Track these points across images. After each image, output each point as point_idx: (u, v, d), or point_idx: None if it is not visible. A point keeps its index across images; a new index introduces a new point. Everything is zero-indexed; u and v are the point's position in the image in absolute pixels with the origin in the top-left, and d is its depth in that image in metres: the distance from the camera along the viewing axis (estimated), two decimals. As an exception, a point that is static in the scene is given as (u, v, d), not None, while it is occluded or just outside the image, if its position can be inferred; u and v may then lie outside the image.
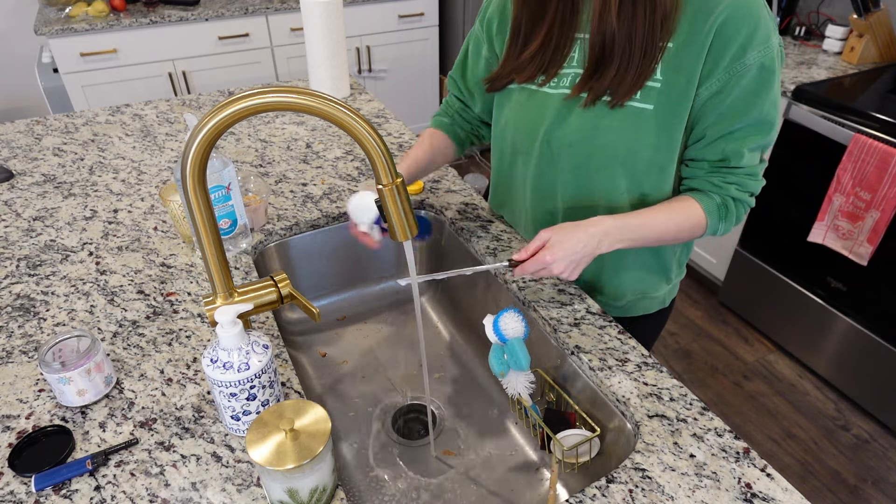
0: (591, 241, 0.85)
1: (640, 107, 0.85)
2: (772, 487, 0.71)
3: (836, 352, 2.06)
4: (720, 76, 0.82)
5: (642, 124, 0.86)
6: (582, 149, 0.91)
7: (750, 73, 0.81)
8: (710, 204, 0.90)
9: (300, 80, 1.91)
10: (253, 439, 0.63)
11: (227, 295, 0.76)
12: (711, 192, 0.90)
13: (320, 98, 0.62)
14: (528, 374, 0.89)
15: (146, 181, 1.34)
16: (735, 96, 0.83)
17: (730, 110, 0.84)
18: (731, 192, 0.90)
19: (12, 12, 2.88)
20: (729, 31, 0.79)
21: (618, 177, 0.92)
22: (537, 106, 0.94)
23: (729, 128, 0.85)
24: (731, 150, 0.86)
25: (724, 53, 0.80)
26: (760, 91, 0.83)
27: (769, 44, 0.81)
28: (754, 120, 0.85)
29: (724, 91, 0.83)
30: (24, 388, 0.84)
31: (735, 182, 0.89)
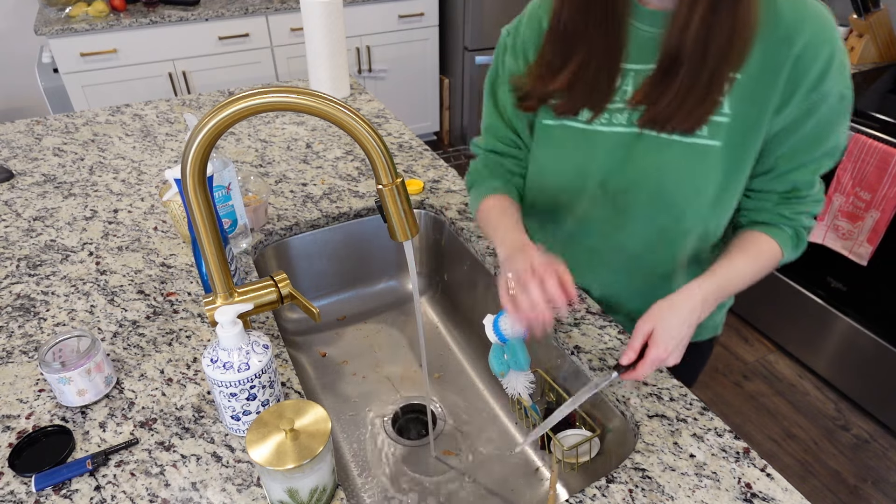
0: (692, 316, 0.77)
1: (707, 143, 0.78)
2: (772, 487, 0.71)
3: (836, 352, 2.06)
4: (797, 105, 0.76)
5: (709, 162, 0.79)
6: (643, 191, 0.84)
7: (828, 102, 0.76)
8: (783, 237, 0.85)
9: (300, 80, 1.91)
10: (253, 439, 0.63)
11: (227, 295, 0.76)
12: (782, 224, 0.85)
13: (320, 98, 0.62)
14: (528, 374, 0.89)
15: (146, 181, 1.34)
16: (811, 126, 0.78)
17: (805, 141, 0.79)
18: (802, 221, 0.85)
19: (12, 12, 2.88)
20: (808, 59, 0.74)
21: (680, 217, 0.85)
22: (587, 145, 0.85)
23: (802, 159, 0.80)
24: (802, 180, 0.82)
25: (801, 82, 0.75)
26: (838, 120, 0.78)
27: (846, 71, 0.76)
28: (829, 149, 0.80)
29: (799, 121, 0.77)
30: (24, 388, 0.84)
31: (805, 210, 0.85)
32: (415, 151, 1.47)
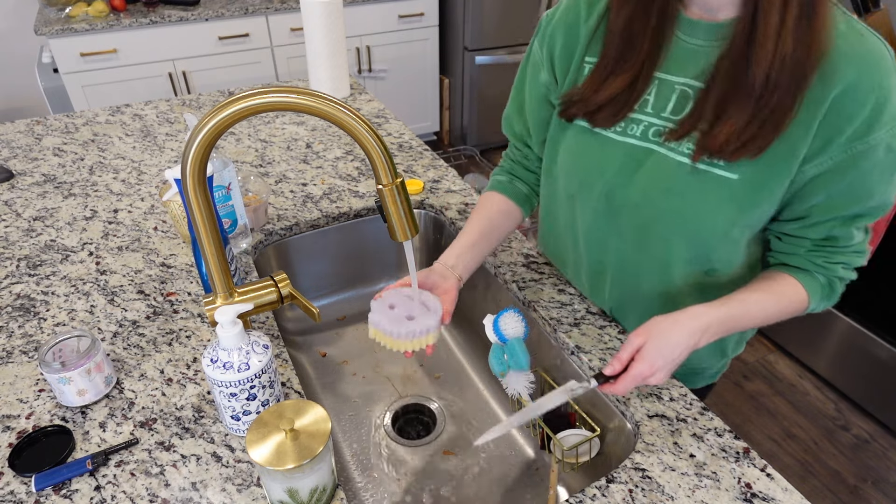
0: (690, 340, 0.73)
1: (722, 175, 0.73)
2: (772, 487, 0.71)
3: (836, 352, 2.06)
4: (834, 153, 0.69)
5: (722, 194, 0.73)
6: (645, 210, 0.80)
7: (874, 155, 0.68)
8: (813, 284, 0.78)
9: (300, 80, 1.91)
10: (253, 439, 0.63)
11: (227, 295, 0.76)
12: (815, 271, 0.79)
13: (320, 98, 0.62)
14: (528, 374, 0.89)
15: (146, 181, 1.34)
16: (852, 179, 0.70)
17: (844, 194, 0.72)
18: (837, 272, 0.78)
19: (12, 12, 2.88)
20: (850, 104, 0.66)
21: (682, 246, 0.81)
22: (598, 151, 0.82)
23: (841, 212, 0.74)
24: (840, 231, 0.75)
25: (841, 129, 0.67)
26: (884, 175, 0.70)
27: None
28: (871, 204, 0.73)
29: (837, 171, 0.70)
30: (24, 388, 0.84)
31: (843, 262, 0.78)
32: (415, 151, 1.47)
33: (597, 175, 0.83)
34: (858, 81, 0.65)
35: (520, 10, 3.12)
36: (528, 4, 3.12)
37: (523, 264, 1.08)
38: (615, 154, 0.80)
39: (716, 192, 0.74)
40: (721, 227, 0.77)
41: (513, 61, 3.23)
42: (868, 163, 0.69)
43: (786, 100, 0.66)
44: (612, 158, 0.81)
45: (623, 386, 0.73)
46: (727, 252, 0.81)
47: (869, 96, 0.65)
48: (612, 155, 0.80)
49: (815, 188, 0.72)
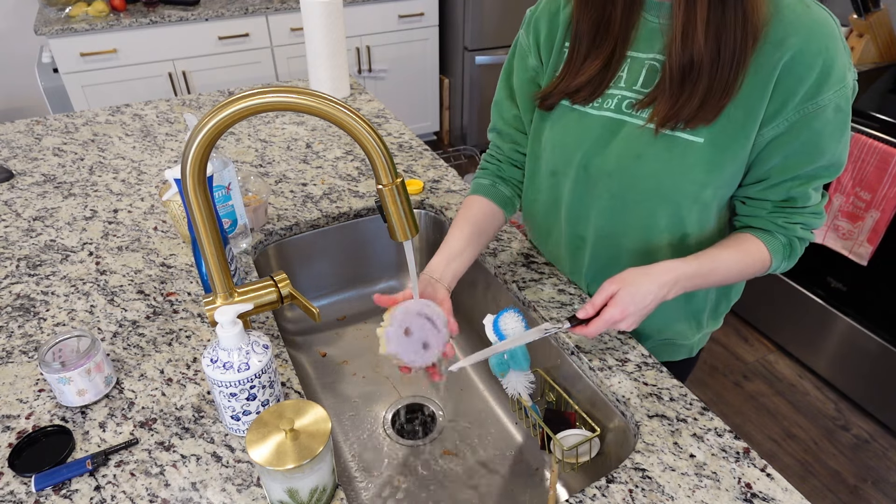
0: (660, 291, 0.79)
1: (689, 139, 0.78)
2: (772, 487, 0.71)
3: (836, 352, 2.06)
4: (788, 116, 0.74)
5: (690, 158, 0.78)
6: (621, 178, 0.84)
7: (823, 114, 0.74)
8: (775, 244, 0.84)
9: (300, 80, 1.92)
10: (253, 439, 0.63)
11: (227, 295, 0.76)
12: (776, 231, 0.84)
13: (320, 98, 0.61)
14: (528, 374, 0.89)
15: (146, 181, 1.34)
16: (805, 139, 0.76)
17: (799, 153, 0.77)
18: (796, 231, 0.84)
19: (12, 12, 2.88)
20: (800, 68, 0.72)
21: (657, 211, 0.85)
22: (577, 126, 0.87)
23: (797, 171, 0.79)
24: (798, 191, 0.81)
25: (794, 91, 0.73)
26: (834, 134, 0.76)
27: (845, 83, 0.73)
28: (826, 162, 0.78)
29: (792, 132, 0.75)
30: (24, 388, 0.84)
31: (801, 222, 0.83)
32: (415, 151, 1.47)
33: (576, 148, 0.87)
34: (806, 47, 0.71)
35: (520, 10, 3.12)
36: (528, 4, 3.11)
37: (523, 264, 1.08)
38: (592, 126, 0.85)
39: (683, 156, 0.79)
40: (691, 189, 0.81)
41: (513, 61, 3.22)
42: (819, 122, 0.74)
43: (726, 72, 0.73)
44: (590, 131, 0.86)
45: (594, 328, 0.79)
46: (700, 217, 0.85)
47: (816, 59, 0.71)
48: (590, 127, 0.85)
49: (772, 150, 0.78)
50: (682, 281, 0.80)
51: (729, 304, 1.01)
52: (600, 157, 0.85)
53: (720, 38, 0.71)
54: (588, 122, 0.85)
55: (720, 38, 0.71)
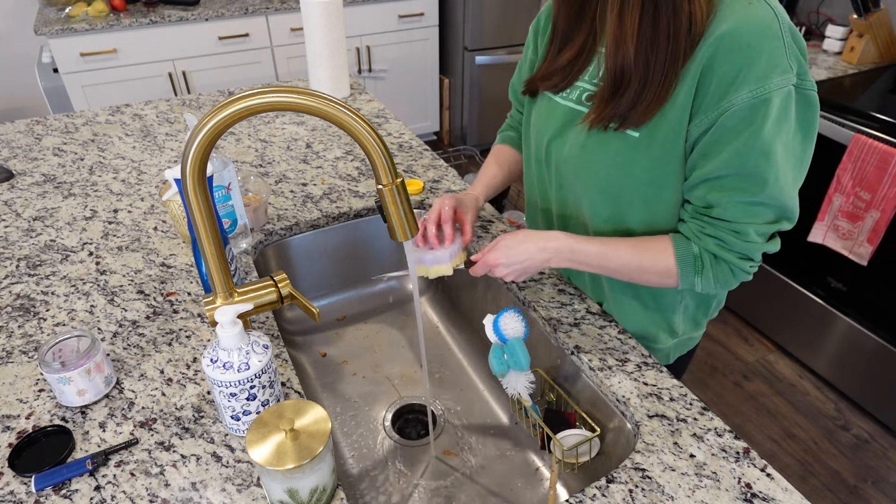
0: (539, 254, 0.83)
1: (626, 133, 0.79)
2: (772, 487, 0.71)
3: (836, 352, 2.06)
4: (709, 113, 0.73)
5: (627, 152, 0.80)
6: (570, 167, 0.88)
7: (736, 114, 0.71)
8: (684, 252, 0.81)
9: (300, 80, 1.92)
10: (253, 439, 0.63)
11: (227, 295, 0.76)
12: (693, 240, 0.81)
13: (320, 98, 0.62)
14: (528, 374, 0.89)
15: (146, 181, 1.34)
16: (718, 138, 0.73)
17: (710, 153, 0.75)
18: (709, 245, 0.79)
19: (12, 12, 2.88)
20: (720, 63, 0.70)
21: (599, 202, 0.87)
22: (547, 114, 0.91)
23: (711, 173, 0.75)
24: (714, 198, 0.77)
25: (713, 88, 0.71)
26: (744, 136, 0.72)
27: (766, 83, 0.69)
28: (737, 169, 0.73)
29: (710, 131, 0.74)
30: (24, 388, 0.84)
31: (715, 236, 0.78)
32: (415, 151, 1.47)
33: (544, 135, 0.92)
34: (729, 42, 0.69)
35: (520, 10, 3.12)
36: (528, 4, 3.12)
37: (523, 264, 1.08)
38: (557, 115, 0.89)
39: (621, 149, 0.80)
40: (627, 183, 0.83)
41: (513, 61, 3.22)
42: (731, 122, 0.72)
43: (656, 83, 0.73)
44: (555, 119, 0.90)
45: (476, 268, 0.87)
46: (642, 213, 0.85)
47: (737, 56, 0.69)
48: (555, 115, 0.90)
49: (695, 149, 0.77)
50: (563, 252, 0.83)
51: (708, 312, 0.99)
52: (558, 146, 0.90)
53: (650, 52, 0.72)
54: (555, 110, 0.90)
55: (650, 51, 0.72)
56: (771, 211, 0.76)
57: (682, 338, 1.00)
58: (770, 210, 0.76)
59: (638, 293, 0.95)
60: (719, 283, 0.81)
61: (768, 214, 0.77)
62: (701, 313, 0.99)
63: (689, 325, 0.99)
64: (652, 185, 0.82)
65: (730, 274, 0.80)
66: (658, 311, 0.96)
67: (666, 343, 0.99)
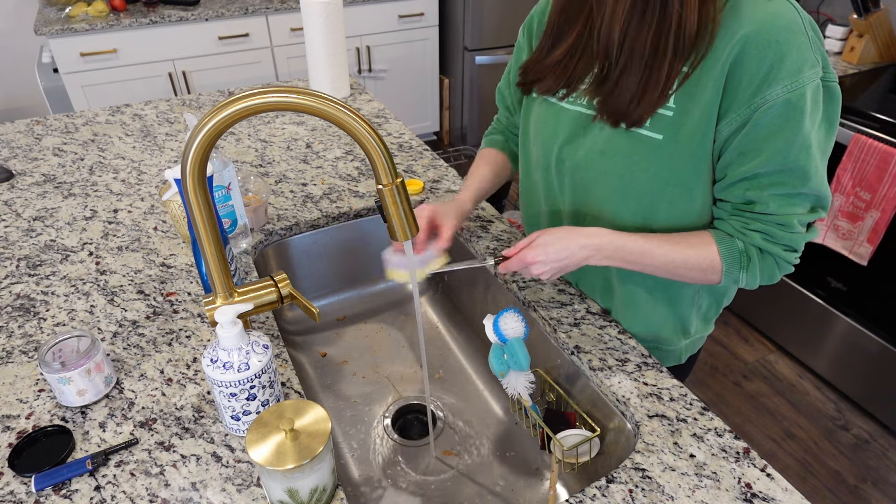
0: (580, 251, 0.81)
1: (649, 136, 0.78)
2: (772, 487, 0.71)
3: (836, 352, 2.06)
4: (741, 111, 0.73)
5: (650, 154, 0.79)
6: (587, 172, 0.86)
7: (773, 110, 0.71)
8: (729, 247, 0.80)
9: (300, 80, 1.92)
10: (253, 439, 0.63)
11: (227, 295, 0.76)
12: (736, 236, 0.81)
13: (320, 98, 0.62)
14: (528, 374, 0.89)
15: (146, 181, 1.34)
16: (755, 136, 0.73)
17: (750, 151, 0.75)
18: (755, 240, 0.79)
19: (12, 12, 2.88)
20: (749, 61, 0.70)
21: (621, 206, 0.86)
22: (554, 120, 0.90)
23: (751, 171, 0.76)
24: (754, 195, 0.77)
25: (743, 86, 0.71)
26: (784, 132, 0.72)
27: (799, 78, 0.70)
28: (779, 165, 0.74)
29: (745, 128, 0.74)
30: (24, 388, 0.84)
31: (761, 230, 0.78)
32: (415, 151, 1.47)
33: (552, 142, 0.90)
34: (756, 39, 0.69)
35: (520, 10, 3.12)
36: (528, 4, 3.12)
37: (523, 264, 1.08)
38: (566, 121, 0.88)
39: (643, 152, 0.80)
40: (650, 186, 0.82)
41: (513, 61, 3.22)
42: (767, 118, 0.72)
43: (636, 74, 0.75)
44: (564, 124, 0.88)
45: (509, 265, 0.84)
46: (667, 214, 0.84)
47: (766, 52, 0.69)
48: (564, 122, 0.88)
49: (729, 147, 0.76)
50: (606, 249, 0.81)
51: (719, 309, 1.00)
52: (571, 151, 0.88)
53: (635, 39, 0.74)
54: (563, 115, 0.88)
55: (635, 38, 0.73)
56: (809, 201, 0.78)
57: (694, 337, 1.00)
58: (809, 200, 0.77)
59: (653, 294, 0.93)
60: (765, 276, 0.82)
61: (807, 204, 0.78)
62: (713, 311, 0.99)
63: (701, 324, 1.00)
64: (678, 187, 0.81)
65: (775, 267, 0.81)
66: (673, 312, 0.95)
67: (679, 344, 0.99)
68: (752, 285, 0.83)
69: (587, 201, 0.90)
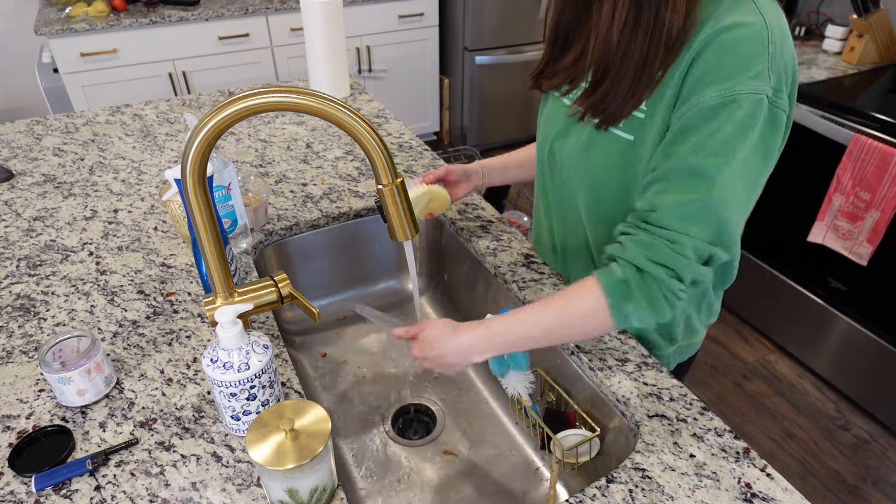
0: (457, 351, 0.80)
1: (621, 136, 0.78)
2: (772, 487, 0.71)
3: (836, 352, 2.06)
4: (679, 110, 0.71)
5: (619, 155, 0.79)
6: (572, 168, 0.87)
7: (701, 112, 0.69)
8: (608, 278, 0.73)
9: (300, 80, 1.91)
10: (253, 439, 0.63)
11: (227, 295, 0.76)
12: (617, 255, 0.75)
13: (320, 98, 0.62)
14: (528, 374, 0.89)
15: (146, 181, 1.34)
16: (676, 137, 0.71)
17: (668, 152, 0.72)
18: (633, 256, 0.72)
19: (12, 12, 2.88)
20: (699, 64, 0.68)
21: (592, 204, 0.87)
22: (553, 113, 0.91)
23: (662, 171, 0.72)
24: (658, 200, 0.72)
25: (688, 86, 0.70)
26: (701, 131, 0.69)
27: (737, 85, 0.66)
28: (689, 167, 0.69)
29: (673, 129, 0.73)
30: (24, 388, 0.84)
31: (644, 243, 0.72)
32: (415, 151, 1.47)
33: (548, 133, 0.92)
34: (714, 42, 0.67)
35: (520, 11, 3.12)
36: (528, 4, 3.12)
37: (523, 264, 1.08)
38: (560, 115, 0.89)
39: (615, 152, 0.80)
40: (619, 186, 0.81)
41: (513, 61, 3.23)
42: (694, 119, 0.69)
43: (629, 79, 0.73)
44: (559, 119, 0.89)
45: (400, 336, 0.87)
46: None
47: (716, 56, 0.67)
48: (559, 115, 0.89)
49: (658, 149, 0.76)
50: (478, 344, 0.79)
51: (710, 316, 0.98)
52: (560, 145, 0.89)
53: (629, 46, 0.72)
54: (559, 109, 0.89)
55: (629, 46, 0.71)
56: (710, 226, 0.70)
57: (681, 343, 0.99)
58: (709, 224, 0.70)
59: None
60: (652, 306, 0.72)
61: (707, 230, 0.70)
62: (699, 319, 0.97)
63: (687, 331, 0.97)
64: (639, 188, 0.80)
65: (658, 293, 0.71)
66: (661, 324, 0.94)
67: (666, 350, 0.98)
68: (644, 321, 0.73)
69: (569, 195, 0.92)
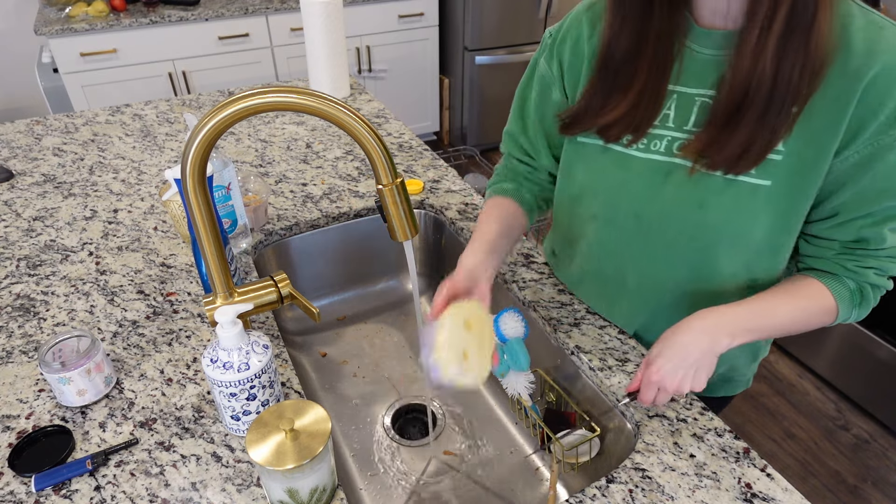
0: (700, 338, 0.72)
1: (755, 182, 0.71)
2: (772, 487, 0.71)
3: (836, 352, 2.06)
4: (861, 147, 0.67)
5: (757, 202, 0.72)
6: (681, 227, 0.78)
7: None
8: (841, 290, 0.75)
9: (300, 80, 1.91)
10: (253, 439, 0.63)
11: (227, 295, 0.76)
12: (844, 275, 0.75)
13: (320, 98, 0.62)
14: (528, 374, 0.89)
15: (146, 181, 1.34)
16: (879, 172, 0.67)
17: (872, 189, 0.69)
18: (868, 277, 0.74)
19: (12, 12, 2.88)
20: (874, 97, 0.64)
21: (722, 260, 0.78)
22: (621, 170, 0.80)
23: (869, 208, 0.70)
24: (870, 232, 0.71)
25: (869, 120, 0.65)
26: None
27: None
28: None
29: (865, 165, 0.68)
30: (24, 388, 0.84)
31: (875, 266, 0.74)
32: (415, 151, 1.47)
33: (622, 194, 0.81)
34: (882, 74, 0.64)
35: (520, 10, 3.12)
36: (528, 4, 3.12)
37: (523, 264, 1.08)
38: (640, 171, 0.78)
39: (751, 201, 0.72)
40: (761, 235, 0.75)
41: (513, 61, 3.22)
42: (894, 155, 0.67)
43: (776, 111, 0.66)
44: (638, 176, 0.79)
45: (642, 396, 0.76)
46: (769, 261, 0.79)
47: (893, 89, 0.64)
48: (637, 172, 0.78)
49: (843, 184, 0.70)
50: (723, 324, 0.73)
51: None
52: (655, 205, 0.79)
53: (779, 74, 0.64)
54: (633, 165, 0.79)
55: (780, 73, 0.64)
56: None
57: (759, 359, 0.98)
58: None
59: None
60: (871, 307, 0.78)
61: None
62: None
63: (765, 347, 0.97)
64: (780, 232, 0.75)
65: (880, 294, 0.77)
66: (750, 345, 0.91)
67: (748, 372, 0.97)
68: (860, 318, 0.79)
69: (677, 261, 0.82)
